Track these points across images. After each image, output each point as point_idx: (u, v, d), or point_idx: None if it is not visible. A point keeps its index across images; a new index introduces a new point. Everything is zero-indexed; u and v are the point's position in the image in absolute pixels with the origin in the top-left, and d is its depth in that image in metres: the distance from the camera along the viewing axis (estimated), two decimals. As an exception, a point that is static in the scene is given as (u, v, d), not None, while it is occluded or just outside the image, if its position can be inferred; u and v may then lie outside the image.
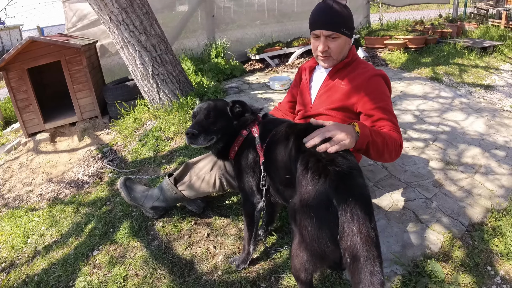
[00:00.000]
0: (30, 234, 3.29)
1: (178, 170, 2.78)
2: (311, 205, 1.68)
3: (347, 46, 2.46)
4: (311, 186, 1.70)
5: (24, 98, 4.96)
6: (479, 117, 4.51)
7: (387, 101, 2.36)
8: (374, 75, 2.40)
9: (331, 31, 2.33)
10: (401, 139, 2.25)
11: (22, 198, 4.08)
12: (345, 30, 2.36)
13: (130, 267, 2.60)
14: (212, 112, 2.27)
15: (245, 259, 2.45)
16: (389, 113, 2.33)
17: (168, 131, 4.24)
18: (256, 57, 7.38)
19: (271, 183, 2.18)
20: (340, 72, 2.50)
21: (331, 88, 2.51)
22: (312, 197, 1.67)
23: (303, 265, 1.78)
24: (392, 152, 2.17)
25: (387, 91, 2.43)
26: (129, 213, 3.10)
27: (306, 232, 1.70)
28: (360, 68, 2.47)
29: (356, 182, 1.70)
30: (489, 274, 2.33)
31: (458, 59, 6.80)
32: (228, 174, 2.57)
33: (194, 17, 7.22)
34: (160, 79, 4.65)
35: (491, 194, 3.05)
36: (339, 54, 2.43)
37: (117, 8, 4.23)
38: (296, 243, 1.79)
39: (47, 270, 2.77)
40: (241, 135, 2.28)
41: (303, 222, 1.71)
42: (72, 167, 4.41)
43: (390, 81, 2.50)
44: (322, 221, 1.65)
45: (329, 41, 2.38)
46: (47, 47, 4.77)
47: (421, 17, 10.68)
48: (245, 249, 2.44)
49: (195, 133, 2.17)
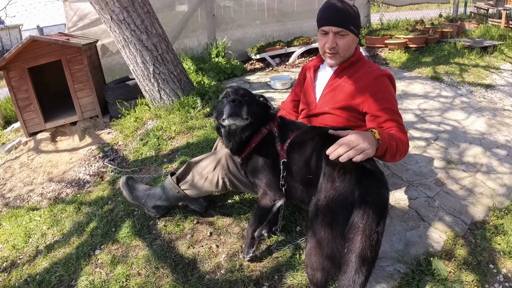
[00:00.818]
0: (31, 233, 3.29)
1: (180, 169, 2.77)
2: (337, 200, 1.72)
3: (354, 44, 2.46)
4: (338, 182, 1.75)
5: (24, 98, 4.95)
6: (480, 116, 4.51)
7: (393, 102, 2.37)
8: (380, 75, 2.39)
9: (341, 28, 2.34)
10: (407, 138, 2.27)
11: (23, 198, 4.07)
12: (354, 28, 2.37)
13: (133, 267, 2.60)
14: (247, 94, 2.25)
15: (251, 244, 2.43)
16: (395, 113, 2.33)
17: (170, 130, 4.24)
18: (256, 56, 7.37)
19: (290, 182, 2.20)
20: (345, 71, 2.50)
21: (336, 88, 2.50)
22: (339, 193, 1.73)
23: (321, 263, 1.79)
24: (402, 153, 2.19)
25: (392, 91, 2.43)
26: (131, 212, 3.09)
27: (330, 228, 1.72)
28: (365, 67, 2.47)
29: (378, 182, 1.77)
30: (491, 272, 2.34)
31: (459, 59, 6.80)
32: (231, 174, 2.55)
33: (194, 16, 7.21)
34: (161, 78, 4.65)
35: (493, 192, 3.05)
36: (346, 51, 2.43)
37: (118, 7, 4.22)
38: (315, 240, 1.80)
39: (49, 270, 2.76)
40: (260, 133, 2.24)
41: (327, 218, 1.74)
42: (73, 166, 4.41)
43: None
44: (347, 216, 1.66)
45: (337, 38, 2.38)
46: (47, 46, 4.77)
47: (421, 17, 10.66)
48: (248, 234, 2.43)
49: (242, 101, 2.10)
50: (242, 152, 2.30)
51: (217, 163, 2.58)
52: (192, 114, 4.51)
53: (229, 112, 2.07)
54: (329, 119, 2.48)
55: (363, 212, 1.61)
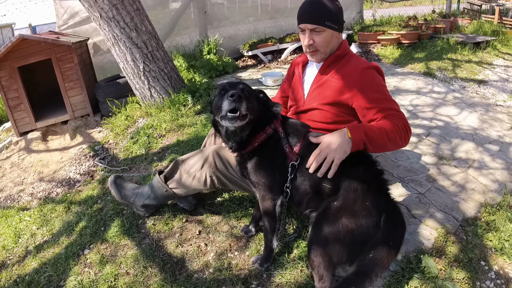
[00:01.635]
0: (21, 233, 3.25)
1: (168, 168, 2.74)
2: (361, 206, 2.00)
3: (334, 39, 2.42)
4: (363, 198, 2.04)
5: (15, 97, 4.91)
6: (472, 112, 4.50)
7: (383, 91, 2.34)
8: (367, 68, 2.35)
9: (315, 24, 2.31)
10: (405, 122, 2.23)
11: (14, 198, 4.04)
12: (331, 24, 2.32)
13: (121, 266, 2.57)
14: (247, 89, 2.12)
15: (269, 257, 2.39)
16: (388, 101, 2.30)
17: (160, 128, 4.21)
18: (248, 53, 7.35)
19: (296, 186, 2.22)
20: (331, 66, 2.46)
21: (323, 84, 2.47)
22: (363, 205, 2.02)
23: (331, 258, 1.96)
24: (396, 140, 2.17)
25: (381, 81, 2.40)
26: (120, 211, 3.06)
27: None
28: (352, 62, 2.42)
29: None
30: (483, 269, 2.32)
31: (451, 54, 6.80)
32: (219, 172, 2.52)
33: (186, 13, 7.18)
34: (152, 76, 4.62)
35: (485, 188, 3.04)
36: (325, 47, 2.40)
37: (107, 5, 4.18)
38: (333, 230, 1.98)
39: (38, 270, 2.73)
40: (264, 132, 2.18)
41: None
42: (64, 165, 4.38)
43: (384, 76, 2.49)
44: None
45: (314, 35, 2.36)
46: (37, 45, 4.72)
47: (415, 13, 10.67)
48: (267, 247, 2.37)
49: (242, 96, 1.97)
50: (242, 149, 2.22)
51: (204, 161, 2.54)
52: (183, 112, 4.49)
53: (230, 105, 1.96)
54: (317, 115, 2.46)
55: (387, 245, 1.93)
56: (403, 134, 2.20)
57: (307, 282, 2.24)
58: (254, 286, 2.29)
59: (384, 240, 1.95)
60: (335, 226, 1.97)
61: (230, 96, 1.95)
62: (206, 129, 3.97)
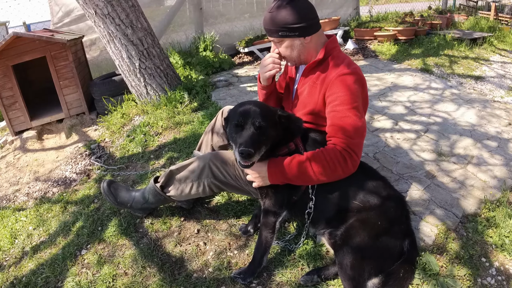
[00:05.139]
0: (17, 234, 3.22)
1: (163, 178, 2.62)
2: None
3: (300, 47, 2.31)
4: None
5: (9, 96, 4.86)
6: (470, 108, 4.49)
7: (349, 102, 2.13)
8: (342, 75, 2.17)
9: (272, 37, 2.32)
10: (343, 153, 2.07)
11: (9, 198, 4.00)
12: (285, 33, 2.24)
13: (119, 266, 2.55)
14: (264, 122, 2.04)
15: (254, 272, 2.30)
16: (345, 118, 2.12)
17: (157, 126, 4.18)
18: (245, 50, 7.33)
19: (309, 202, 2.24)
20: (313, 71, 2.36)
21: (304, 91, 2.39)
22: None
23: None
24: (328, 175, 2.09)
25: (355, 89, 2.17)
26: (117, 211, 3.04)
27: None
28: (331, 67, 2.27)
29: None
30: (484, 266, 2.32)
31: (448, 50, 6.79)
32: (217, 180, 2.44)
33: (181, 10, 7.13)
34: (148, 73, 4.58)
35: (484, 185, 3.02)
36: (290, 55, 2.34)
37: (102, 1, 4.14)
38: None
39: (35, 271, 2.70)
40: (286, 147, 2.18)
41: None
42: (60, 165, 4.34)
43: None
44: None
45: (277, 45, 2.35)
46: (32, 42, 4.67)
47: (411, 9, 10.65)
48: (255, 260, 2.30)
49: (252, 153, 1.95)
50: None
51: (201, 171, 2.45)
52: (180, 109, 4.46)
53: (242, 161, 2.00)
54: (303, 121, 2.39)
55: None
56: (337, 166, 2.06)
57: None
58: (254, 285, 2.28)
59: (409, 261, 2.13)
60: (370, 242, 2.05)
61: (240, 153, 1.96)
62: (203, 126, 3.94)
